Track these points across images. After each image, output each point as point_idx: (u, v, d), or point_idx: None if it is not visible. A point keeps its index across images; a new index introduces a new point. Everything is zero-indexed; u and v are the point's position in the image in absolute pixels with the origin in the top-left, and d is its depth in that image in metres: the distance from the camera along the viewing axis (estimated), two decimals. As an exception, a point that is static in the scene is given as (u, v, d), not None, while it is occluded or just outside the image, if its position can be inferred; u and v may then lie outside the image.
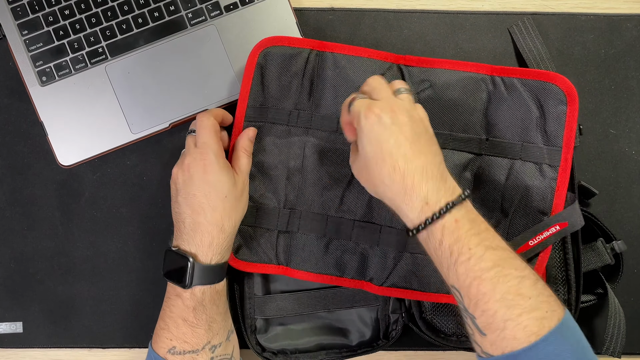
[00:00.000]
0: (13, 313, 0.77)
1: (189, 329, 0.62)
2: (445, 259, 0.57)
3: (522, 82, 0.71)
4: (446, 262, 0.57)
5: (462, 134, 0.71)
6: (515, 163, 0.70)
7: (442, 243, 0.57)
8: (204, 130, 0.65)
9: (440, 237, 0.57)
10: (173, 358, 0.63)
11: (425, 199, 0.57)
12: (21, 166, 0.77)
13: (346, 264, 0.71)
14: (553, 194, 0.70)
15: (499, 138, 0.71)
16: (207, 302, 0.63)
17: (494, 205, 0.70)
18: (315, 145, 0.71)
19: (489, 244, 0.56)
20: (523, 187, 0.70)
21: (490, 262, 0.55)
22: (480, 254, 0.55)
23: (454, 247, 0.56)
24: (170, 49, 0.75)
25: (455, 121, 0.71)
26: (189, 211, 0.63)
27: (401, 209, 0.59)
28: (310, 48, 0.71)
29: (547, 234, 0.68)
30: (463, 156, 0.71)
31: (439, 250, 0.57)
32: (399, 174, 0.57)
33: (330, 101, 0.71)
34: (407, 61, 0.72)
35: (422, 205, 0.57)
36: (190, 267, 0.61)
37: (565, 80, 0.70)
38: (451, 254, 0.56)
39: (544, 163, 0.70)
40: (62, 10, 0.75)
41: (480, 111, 0.71)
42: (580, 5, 0.79)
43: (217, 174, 0.63)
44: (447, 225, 0.56)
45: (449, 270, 0.57)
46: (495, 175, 0.70)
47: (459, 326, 0.73)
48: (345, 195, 0.71)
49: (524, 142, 0.70)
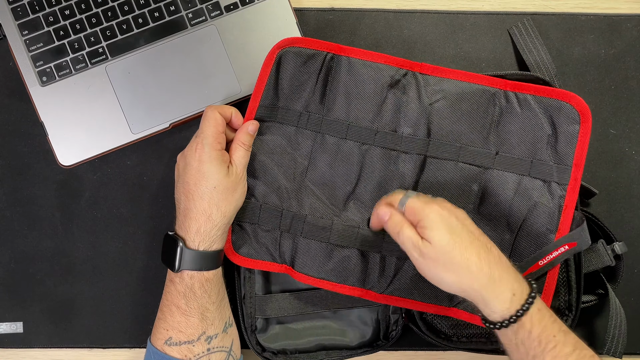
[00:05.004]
0: (13, 313, 0.77)
1: (182, 318, 0.63)
2: (533, 349, 0.57)
3: (536, 99, 0.70)
4: (533, 351, 0.57)
5: (472, 147, 0.71)
6: (523, 179, 0.70)
7: (531, 333, 0.57)
8: (204, 121, 0.66)
9: (529, 327, 0.57)
10: (170, 349, 0.64)
11: (512, 289, 0.58)
12: (21, 166, 0.77)
13: (348, 272, 0.70)
14: (560, 212, 0.70)
15: (509, 153, 0.71)
16: (197, 289, 0.64)
17: (500, 219, 0.70)
18: (323, 149, 0.71)
19: (563, 327, 0.58)
20: (530, 203, 0.70)
21: (571, 346, 0.57)
22: (563, 340, 0.57)
23: (542, 335, 0.57)
24: (170, 49, 0.75)
25: (466, 133, 0.71)
26: (182, 197, 0.65)
27: (488, 301, 0.59)
28: (327, 51, 0.71)
29: (556, 253, 0.69)
30: (472, 169, 0.71)
31: (527, 340, 0.58)
32: (486, 264, 0.58)
33: (342, 105, 0.71)
34: (423, 69, 0.71)
35: (511, 297, 0.58)
36: (179, 250, 0.63)
37: (579, 100, 0.70)
38: (539, 343, 0.57)
39: (552, 181, 0.70)
40: (62, 11, 0.75)
41: (491, 125, 0.71)
42: (580, 5, 0.79)
43: (208, 163, 0.64)
44: (534, 315, 0.58)
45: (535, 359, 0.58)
46: (502, 190, 0.70)
47: (459, 327, 0.73)
48: (350, 202, 0.71)
49: (533, 159, 0.70)
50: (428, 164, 0.70)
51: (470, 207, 0.71)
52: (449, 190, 0.70)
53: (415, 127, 0.70)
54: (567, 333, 0.58)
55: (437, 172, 0.70)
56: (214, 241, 0.65)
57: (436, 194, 0.70)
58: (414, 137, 0.70)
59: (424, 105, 0.70)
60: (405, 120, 0.70)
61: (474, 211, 0.70)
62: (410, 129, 0.70)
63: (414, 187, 0.70)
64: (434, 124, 0.70)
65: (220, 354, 0.66)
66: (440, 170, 0.70)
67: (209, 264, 0.64)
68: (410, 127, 0.70)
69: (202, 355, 0.64)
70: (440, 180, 0.70)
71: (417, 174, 0.70)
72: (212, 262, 0.65)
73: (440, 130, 0.70)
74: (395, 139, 0.70)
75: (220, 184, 0.64)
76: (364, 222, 0.71)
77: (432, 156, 0.70)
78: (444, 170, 0.70)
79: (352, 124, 0.71)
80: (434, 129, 0.70)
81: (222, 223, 0.65)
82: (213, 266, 0.65)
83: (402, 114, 0.70)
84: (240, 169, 0.67)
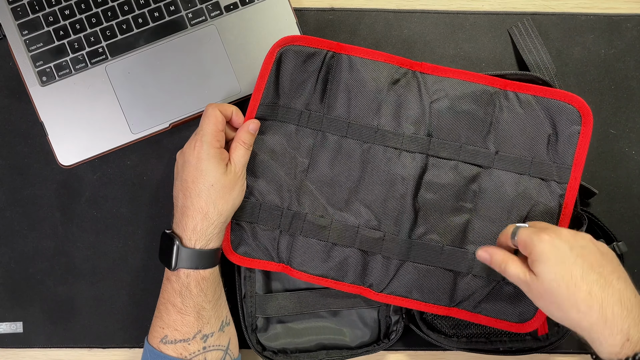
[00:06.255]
0: (13, 313, 0.77)
1: (178, 316, 0.64)
2: None
3: (537, 99, 0.70)
4: None
5: (473, 147, 0.71)
6: (523, 178, 0.70)
7: None
8: (205, 118, 0.66)
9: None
10: (165, 347, 0.64)
11: (627, 334, 0.54)
12: (21, 166, 0.77)
13: (347, 269, 0.71)
14: (560, 211, 0.70)
15: (509, 152, 0.71)
16: (193, 287, 0.64)
17: (499, 218, 0.70)
18: (323, 148, 0.71)
19: None
20: (530, 202, 0.70)
21: None
22: None
23: None
24: (170, 49, 0.75)
25: (467, 133, 0.71)
26: (180, 195, 0.65)
27: (597, 341, 0.55)
28: (328, 49, 0.71)
29: None
30: (472, 168, 0.71)
31: None
32: (597, 302, 0.54)
33: (343, 104, 0.71)
34: (423, 68, 0.71)
35: (623, 342, 0.54)
36: (175, 248, 0.63)
37: (581, 101, 0.70)
38: None
39: (552, 180, 0.70)
40: (62, 10, 0.75)
41: (491, 124, 0.71)
42: (580, 5, 0.79)
43: (205, 161, 0.64)
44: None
45: None
46: (502, 189, 0.70)
47: (459, 327, 0.73)
48: (350, 201, 0.71)
49: (533, 158, 0.70)
50: (430, 163, 0.70)
51: (469, 207, 0.71)
52: (450, 190, 0.70)
53: (416, 126, 0.70)
54: None
55: (439, 171, 0.70)
56: (210, 239, 0.65)
57: (437, 194, 0.70)
58: (416, 135, 0.70)
59: (424, 104, 0.70)
60: (406, 119, 0.70)
61: (473, 211, 0.70)
62: (411, 127, 0.70)
63: (416, 186, 0.70)
64: (434, 123, 0.70)
65: (217, 353, 0.66)
66: (442, 169, 0.70)
67: (205, 263, 0.64)
68: (411, 125, 0.70)
69: (198, 353, 0.64)
70: (442, 180, 0.70)
71: (420, 172, 0.70)
72: (208, 260, 0.65)
73: (441, 130, 0.70)
74: (397, 137, 0.70)
75: (218, 182, 0.64)
76: (364, 222, 0.71)
77: (434, 155, 0.70)
78: (445, 169, 0.70)
79: (353, 122, 0.71)
80: (434, 128, 0.70)
81: (218, 221, 0.65)
82: (209, 265, 0.65)
83: (403, 113, 0.70)
84: (239, 168, 0.67)
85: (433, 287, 0.70)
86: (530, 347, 0.73)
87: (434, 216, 0.70)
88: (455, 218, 0.71)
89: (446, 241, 0.70)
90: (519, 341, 0.73)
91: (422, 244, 0.70)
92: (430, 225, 0.70)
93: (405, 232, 0.70)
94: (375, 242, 0.70)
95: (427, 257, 0.70)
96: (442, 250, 0.70)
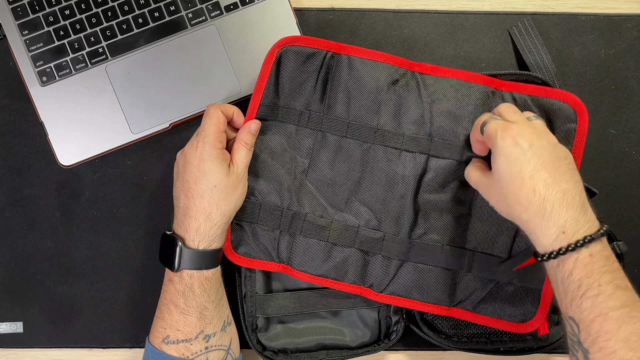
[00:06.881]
0: (13, 313, 0.77)
1: (180, 316, 0.64)
2: (572, 291, 0.56)
3: (533, 99, 0.70)
4: (572, 293, 0.56)
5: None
6: None
7: (572, 274, 0.56)
8: (206, 118, 0.66)
9: (571, 268, 0.56)
10: (167, 348, 0.64)
11: (562, 227, 0.56)
12: (21, 166, 0.77)
13: (347, 269, 0.71)
14: None
15: None
16: (196, 288, 0.64)
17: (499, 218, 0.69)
18: (323, 148, 0.71)
19: (619, 283, 0.55)
20: None
21: (619, 302, 0.54)
22: (610, 292, 0.54)
23: (584, 280, 0.55)
24: (170, 49, 0.75)
25: (465, 132, 0.71)
26: (182, 196, 0.65)
27: (534, 233, 0.58)
28: (327, 49, 0.71)
29: None
30: None
31: (566, 280, 0.56)
32: (539, 198, 0.56)
33: (343, 104, 0.71)
34: (422, 69, 0.71)
35: (558, 234, 0.56)
36: (178, 250, 0.63)
37: (575, 99, 0.69)
38: (579, 286, 0.55)
39: None
40: (62, 10, 0.75)
41: None
42: (580, 5, 0.79)
43: (208, 162, 0.64)
44: (581, 258, 0.55)
45: (572, 302, 0.56)
46: None
47: (459, 327, 0.73)
48: (350, 201, 0.71)
49: None
50: (431, 163, 0.70)
51: (469, 207, 0.71)
52: (450, 190, 0.70)
53: (416, 126, 0.70)
54: (621, 289, 0.55)
55: (439, 171, 0.70)
56: (213, 240, 0.65)
57: (437, 194, 0.70)
58: (417, 135, 0.70)
59: (424, 104, 0.70)
60: (406, 119, 0.70)
61: (473, 211, 0.70)
62: (412, 127, 0.70)
63: (416, 186, 0.70)
64: (434, 123, 0.70)
65: (219, 353, 0.66)
66: (442, 170, 0.70)
67: (208, 263, 0.64)
68: (411, 125, 0.70)
69: (200, 353, 0.64)
70: (442, 180, 0.70)
71: (420, 172, 0.70)
72: (211, 261, 0.65)
73: (440, 129, 0.70)
74: (397, 137, 0.70)
75: (221, 183, 0.64)
76: (364, 222, 0.71)
77: (434, 155, 0.70)
78: (445, 169, 0.70)
79: (353, 122, 0.71)
80: (434, 128, 0.70)
81: (221, 222, 0.65)
82: (212, 265, 0.65)
83: (403, 113, 0.70)
84: (241, 169, 0.67)
85: (433, 287, 0.70)
86: (531, 347, 0.73)
87: (434, 216, 0.70)
88: (455, 218, 0.71)
89: (446, 241, 0.70)
90: (519, 341, 0.73)
91: (422, 244, 0.70)
92: (430, 225, 0.70)
93: (405, 232, 0.70)
94: (375, 242, 0.70)
95: (427, 257, 0.70)
96: (442, 250, 0.70)
